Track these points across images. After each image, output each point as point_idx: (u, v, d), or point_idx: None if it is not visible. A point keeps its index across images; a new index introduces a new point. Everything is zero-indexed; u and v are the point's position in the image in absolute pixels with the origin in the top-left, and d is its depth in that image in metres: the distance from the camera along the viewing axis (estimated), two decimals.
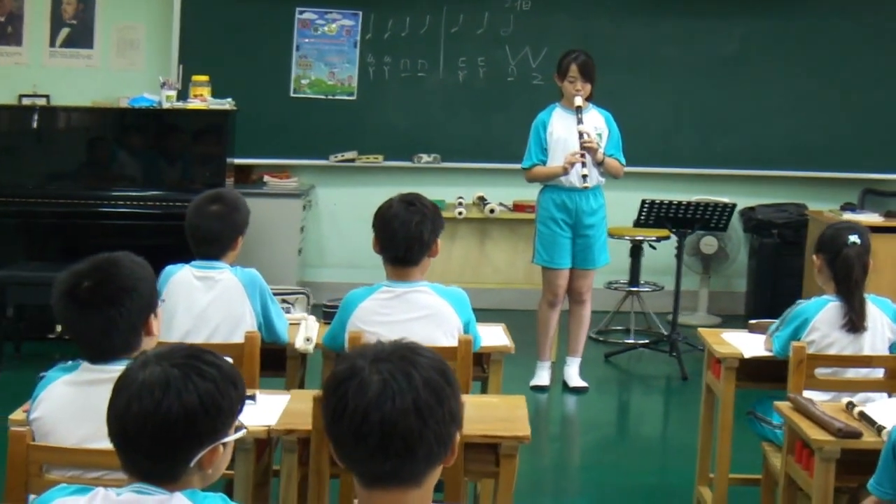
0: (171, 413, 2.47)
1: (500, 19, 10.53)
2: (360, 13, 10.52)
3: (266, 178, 10.37)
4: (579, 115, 7.82)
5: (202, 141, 9.48)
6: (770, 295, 10.18)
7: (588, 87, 7.87)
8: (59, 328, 8.76)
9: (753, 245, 10.51)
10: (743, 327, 9.30)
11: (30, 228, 9.08)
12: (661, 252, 9.94)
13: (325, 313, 5.56)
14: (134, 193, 9.14)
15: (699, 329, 5.95)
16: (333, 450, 2.39)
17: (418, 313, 4.81)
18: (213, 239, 5.07)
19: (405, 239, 4.79)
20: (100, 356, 3.39)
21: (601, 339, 9.52)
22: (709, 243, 10.14)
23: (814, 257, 5.20)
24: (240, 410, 2.62)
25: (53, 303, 3.42)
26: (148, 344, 3.48)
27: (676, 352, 8.68)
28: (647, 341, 9.31)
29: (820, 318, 5.04)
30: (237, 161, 9.95)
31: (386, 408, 2.28)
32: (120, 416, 2.52)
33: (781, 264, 10.22)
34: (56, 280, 3.45)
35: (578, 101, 7.82)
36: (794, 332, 5.08)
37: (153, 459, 2.52)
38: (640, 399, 8.57)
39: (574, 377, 8.15)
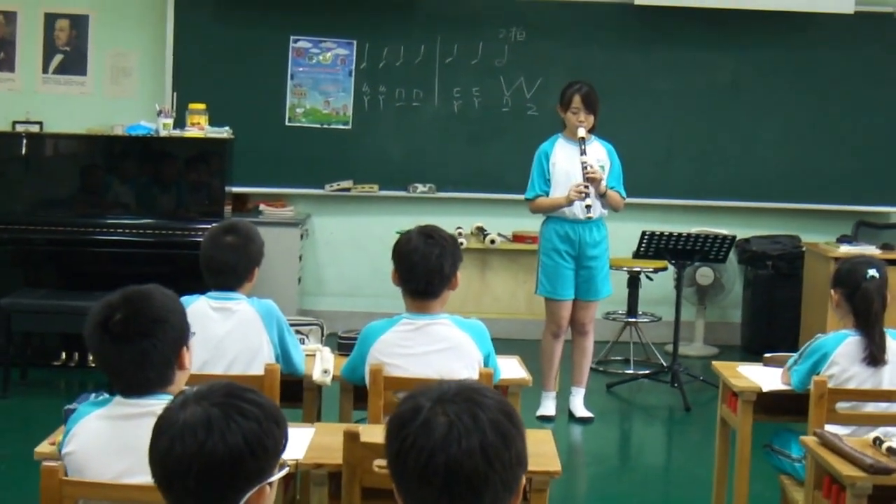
0: (215, 454, 2.43)
1: (494, 49, 10.56)
2: (355, 42, 10.54)
3: (262, 206, 10.37)
4: (582, 147, 7.82)
5: (200, 169, 9.48)
6: (766, 326, 10.24)
7: (591, 118, 7.88)
8: (63, 355, 8.75)
9: (748, 276, 10.56)
10: (740, 358, 9.39)
11: (28, 256, 9.09)
12: (658, 283, 10.00)
13: (341, 345, 5.54)
14: (133, 221, 9.14)
15: (714, 363, 5.93)
16: (396, 491, 2.33)
17: (438, 346, 4.80)
18: (229, 270, 5.04)
19: (425, 272, 4.77)
20: (134, 390, 3.36)
21: (601, 369, 9.53)
22: (705, 274, 10.17)
23: (831, 292, 5.21)
24: (283, 448, 2.58)
25: (86, 335, 3.39)
26: (181, 378, 3.45)
27: (678, 382, 8.68)
28: (647, 372, 9.34)
29: (839, 352, 5.04)
30: (233, 190, 9.94)
31: (452, 450, 2.22)
32: (163, 457, 2.47)
33: (776, 296, 10.27)
34: (89, 312, 3.41)
35: (581, 132, 7.83)
36: (814, 366, 5.09)
37: (200, 501, 2.47)
38: (646, 430, 8.59)
39: (579, 407, 8.16)
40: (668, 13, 10.32)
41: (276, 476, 2.55)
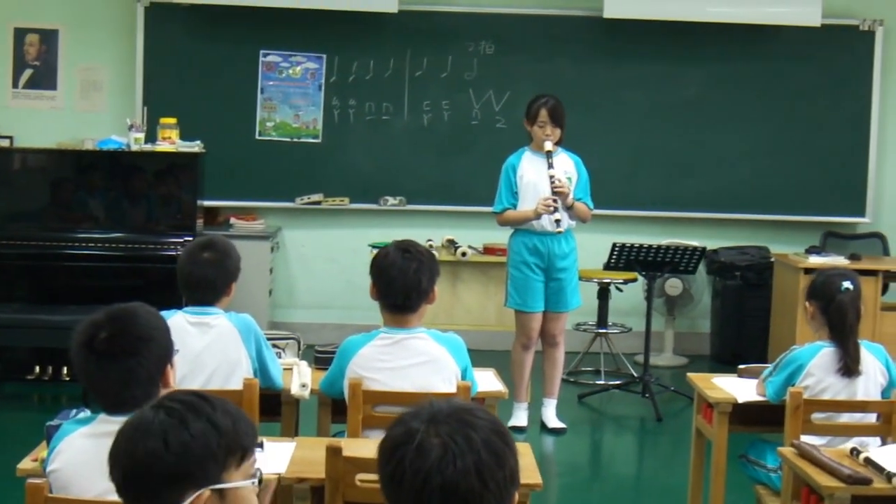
0: (136, 454, 2.44)
1: (463, 63, 10.60)
2: (324, 56, 10.56)
3: (233, 220, 10.37)
4: (549, 160, 7.85)
5: (171, 183, 9.47)
6: (735, 336, 10.31)
7: (558, 131, 7.91)
8: (37, 369, 8.71)
9: (716, 287, 10.61)
10: (709, 367, 9.46)
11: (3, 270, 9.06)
12: (628, 294, 10.05)
13: (318, 358, 5.56)
14: (104, 235, 9.15)
15: (689, 374, 5.96)
16: None
17: (417, 359, 4.83)
18: (207, 285, 5.07)
19: (403, 287, 4.81)
20: (119, 407, 3.36)
21: (572, 379, 9.55)
22: (674, 285, 10.22)
23: (806, 304, 5.27)
24: (233, 458, 2.51)
25: (72, 354, 3.40)
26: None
27: (649, 393, 8.72)
28: (618, 382, 9.38)
29: (815, 363, 5.11)
30: (204, 203, 9.93)
31: (447, 472, 2.23)
32: (111, 453, 2.51)
33: (745, 306, 10.34)
34: (73, 331, 3.42)
35: (548, 145, 7.86)
36: (789, 378, 5.15)
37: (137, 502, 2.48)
38: (618, 440, 8.62)
39: (552, 418, 8.19)
40: (637, 26, 10.37)
41: (230, 485, 2.50)
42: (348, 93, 10.59)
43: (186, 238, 8.79)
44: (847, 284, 5.13)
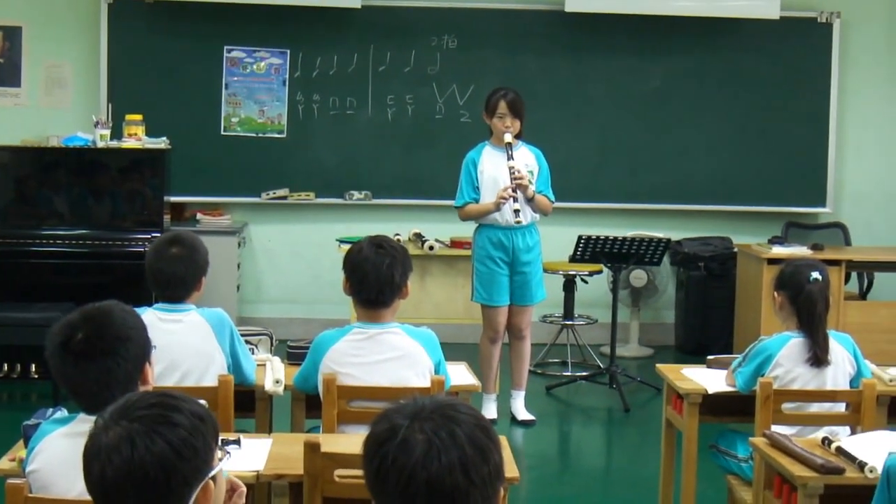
0: (144, 467, 2.41)
1: (426, 57, 10.63)
2: (288, 51, 10.57)
3: (199, 215, 10.38)
4: (509, 152, 7.87)
5: (138, 179, 9.46)
6: (699, 326, 10.38)
7: (517, 123, 7.93)
8: (5, 367, 8.66)
9: (681, 278, 10.67)
10: (674, 358, 9.52)
11: None
12: (593, 286, 10.10)
13: (291, 354, 5.57)
14: (71, 232, 9.15)
15: (658, 366, 6.00)
16: None
17: (390, 354, 4.85)
18: (177, 281, 5.05)
19: (377, 281, 4.84)
20: (98, 408, 3.29)
21: (539, 371, 9.62)
22: (639, 276, 10.28)
23: (774, 294, 5.31)
24: (216, 442, 2.56)
25: (48, 356, 3.37)
26: None
27: (616, 384, 8.78)
28: (585, 373, 9.41)
29: (783, 353, 5.15)
30: (171, 199, 9.92)
31: (432, 468, 2.24)
32: (97, 483, 2.45)
33: (709, 296, 10.41)
34: (49, 333, 3.40)
35: (508, 137, 7.88)
36: (758, 368, 5.19)
37: None
38: (587, 431, 8.67)
39: (521, 410, 8.23)
40: (599, 20, 10.42)
41: (217, 469, 2.53)
42: (312, 88, 10.61)
43: (153, 234, 8.80)
44: (816, 275, 5.18)
